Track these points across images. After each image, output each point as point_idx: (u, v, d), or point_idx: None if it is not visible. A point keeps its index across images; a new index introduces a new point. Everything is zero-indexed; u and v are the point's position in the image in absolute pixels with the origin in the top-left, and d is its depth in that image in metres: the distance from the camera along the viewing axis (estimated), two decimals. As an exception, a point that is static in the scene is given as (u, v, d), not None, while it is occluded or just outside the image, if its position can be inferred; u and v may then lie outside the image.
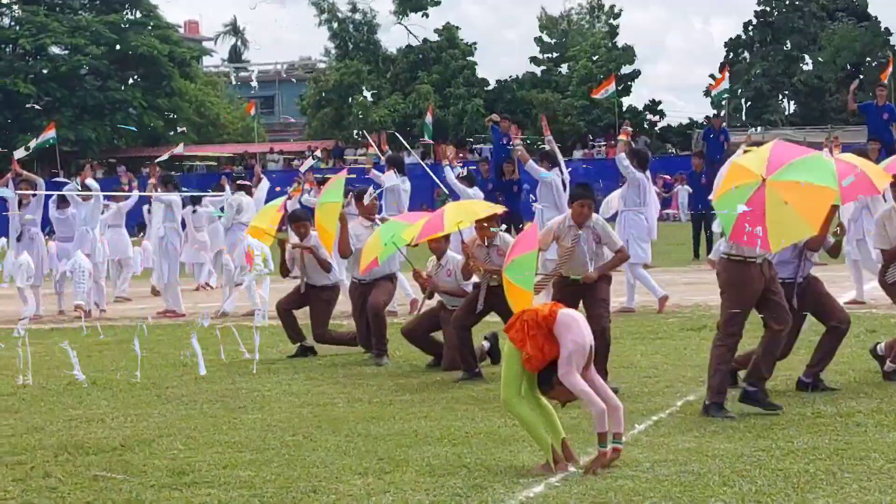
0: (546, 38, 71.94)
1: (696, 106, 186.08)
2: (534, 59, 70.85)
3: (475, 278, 12.29)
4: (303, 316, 14.29)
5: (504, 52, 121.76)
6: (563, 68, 69.09)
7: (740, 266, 9.47)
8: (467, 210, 12.56)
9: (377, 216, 14.68)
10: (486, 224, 11.94)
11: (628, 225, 17.09)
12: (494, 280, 11.77)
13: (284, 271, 14.57)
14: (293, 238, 14.31)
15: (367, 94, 67.20)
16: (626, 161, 16.79)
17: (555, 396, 8.05)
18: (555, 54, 71.16)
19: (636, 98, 71.93)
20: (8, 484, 8.15)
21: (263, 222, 14.83)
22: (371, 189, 14.85)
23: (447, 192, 19.68)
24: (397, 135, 29.58)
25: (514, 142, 18.67)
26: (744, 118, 61.02)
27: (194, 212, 22.55)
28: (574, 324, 8.02)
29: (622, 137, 17.73)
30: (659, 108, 66.78)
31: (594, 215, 11.13)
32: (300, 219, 14.39)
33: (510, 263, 10.53)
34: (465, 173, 20.14)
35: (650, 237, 17.40)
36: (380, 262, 12.84)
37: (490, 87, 68.21)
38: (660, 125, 66.39)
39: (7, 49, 70.73)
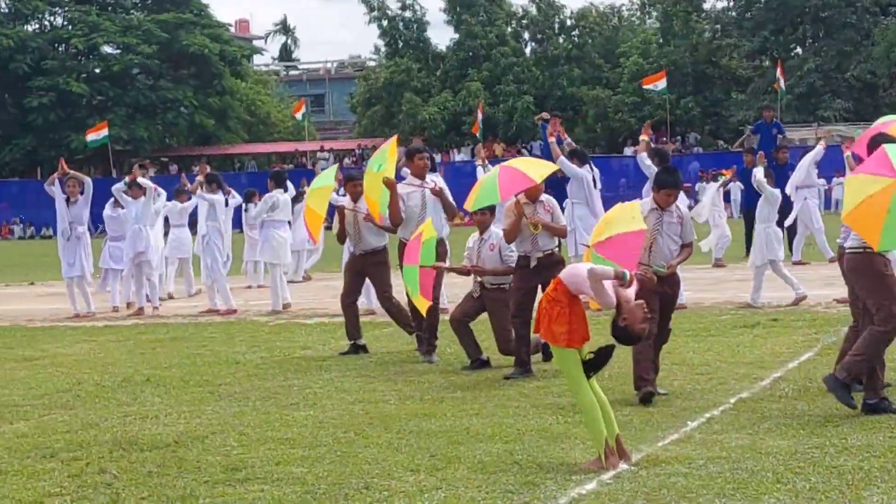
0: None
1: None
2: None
3: (514, 249, 12.17)
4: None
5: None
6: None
7: (870, 256, 9.27)
8: (538, 163, 12.57)
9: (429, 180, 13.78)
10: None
11: None
12: (540, 251, 11.84)
13: (342, 237, 14.54)
14: (348, 202, 14.21)
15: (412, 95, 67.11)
16: (648, 160, 16.68)
17: (634, 330, 8.04)
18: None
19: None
20: (63, 479, 8.23)
21: (319, 206, 14.60)
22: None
23: None
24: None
25: (550, 140, 18.70)
26: (796, 113, 60.46)
27: (246, 210, 22.67)
28: (577, 270, 8.15)
29: (643, 137, 17.64)
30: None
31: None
32: (354, 178, 14.30)
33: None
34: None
35: None
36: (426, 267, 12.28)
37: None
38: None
39: (60, 48, 71.45)
